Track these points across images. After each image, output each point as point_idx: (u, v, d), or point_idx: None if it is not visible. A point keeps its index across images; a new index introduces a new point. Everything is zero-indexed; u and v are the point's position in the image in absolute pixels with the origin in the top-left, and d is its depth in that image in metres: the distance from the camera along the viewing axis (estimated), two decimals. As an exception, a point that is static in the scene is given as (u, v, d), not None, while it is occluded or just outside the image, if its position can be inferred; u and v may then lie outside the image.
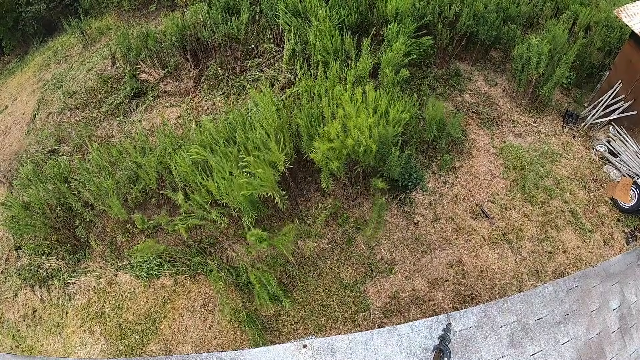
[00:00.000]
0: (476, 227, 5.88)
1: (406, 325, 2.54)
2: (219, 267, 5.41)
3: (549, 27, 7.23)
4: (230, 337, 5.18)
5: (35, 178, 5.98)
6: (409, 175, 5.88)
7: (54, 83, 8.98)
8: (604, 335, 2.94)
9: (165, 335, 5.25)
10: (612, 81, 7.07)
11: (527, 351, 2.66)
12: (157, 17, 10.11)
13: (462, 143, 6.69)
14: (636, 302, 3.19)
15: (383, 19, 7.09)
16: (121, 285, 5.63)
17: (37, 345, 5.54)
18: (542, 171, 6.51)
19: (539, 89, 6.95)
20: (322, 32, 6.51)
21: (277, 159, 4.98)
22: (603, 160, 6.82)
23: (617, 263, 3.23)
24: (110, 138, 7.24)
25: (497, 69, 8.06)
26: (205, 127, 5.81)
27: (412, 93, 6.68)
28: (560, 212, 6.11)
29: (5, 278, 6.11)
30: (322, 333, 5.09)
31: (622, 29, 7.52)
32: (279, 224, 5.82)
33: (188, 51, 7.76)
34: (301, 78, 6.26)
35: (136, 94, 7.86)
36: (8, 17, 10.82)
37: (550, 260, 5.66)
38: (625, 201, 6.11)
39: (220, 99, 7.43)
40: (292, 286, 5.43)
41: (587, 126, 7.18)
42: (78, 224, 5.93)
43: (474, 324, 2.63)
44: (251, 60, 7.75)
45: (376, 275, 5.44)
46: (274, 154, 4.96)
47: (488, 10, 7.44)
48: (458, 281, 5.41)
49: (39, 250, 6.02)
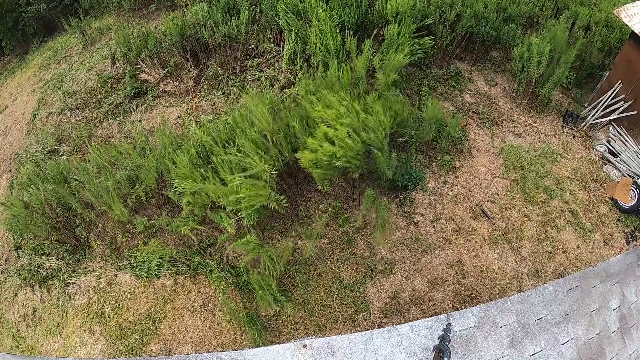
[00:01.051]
0: (476, 227, 5.88)
1: (406, 325, 2.54)
2: (219, 267, 5.41)
3: (549, 27, 7.23)
4: (230, 337, 5.18)
5: (35, 178, 5.98)
6: (408, 175, 5.88)
7: (54, 83, 8.99)
8: (604, 335, 2.94)
9: (165, 335, 5.25)
10: (612, 81, 7.07)
11: (527, 351, 2.66)
12: (157, 17, 10.11)
13: (462, 143, 6.69)
14: (636, 302, 3.19)
15: (383, 19, 7.09)
16: (121, 285, 5.63)
17: (37, 345, 5.54)
18: (542, 171, 6.51)
19: (539, 89, 6.95)
20: (322, 32, 6.51)
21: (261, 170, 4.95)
22: (603, 160, 6.82)
23: (617, 263, 3.23)
24: (110, 138, 7.24)
25: (497, 69, 8.06)
26: (205, 127, 5.81)
27: (412, 93, 6.69)
28: (560, 212, 6.11)
29: (5, 278, 6.11)
30: (322, 333, 5.09)
31: (622, 29, 7.52)
32: (279, 224, 5.82)
33: (188, 51, 7.76)
34: (301, 78, 6.26)
35: (136, 94, 7.85)
36: (8, 17, 10.82)
37: (550, 260, 5.66)
38: (625, 201, 6.11)
39: (220, 99, 7.43)
40: (292, 286, 5.43)
41: (587, 126, 7.18)
42: (78, 224, 5.93)
43: (474, 324, 2.63)
44: (251, 60, 7.75)
45: (376, 276, 5.44)
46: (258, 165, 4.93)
47: (488, 11, 7.45)
48: (458, 281, 5.40)
49: (39, 250, 6.02)
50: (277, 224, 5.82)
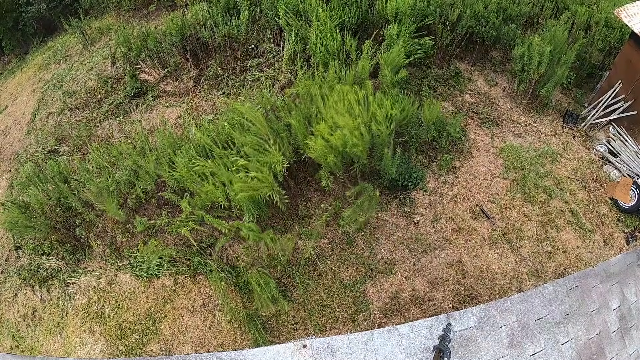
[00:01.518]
0: (476, 227, 5.88)
1: (406, 325, 2.54)
2: (219, 267, 5.41)
3: (549, 27, 7.23)
4: (230, 337, 5.18)
5: (35, 178, 5.98)
6: (409, 175, 5.88)
7: (54, 83, 8.98)
8: (604, 335, 2.94)
9: (165, 335, 5.25)
10: (612, 81, 7.07)
11: (527, 351, 2.66)
12: (157, 17, 10.11)
13: (462, 143, 6.69)
14: (636, 302, 3.19)
15: (383, 19, 7.09)
16: (121, 285, 5.63)
17: (37, 345, 5.54)
18: (542, 171, 6.51)
19: (539, 89, 6.95)
20: (323, 33, 6.51)
21: (274, 160, 4.98)
22: (603, 160, 6.82)
23: (617, 263, 3.23)
24: (110, 138, 7.24)
25: (497, 69, 8.06)
26: (204, 128, 5.81)
27: (412, 93, 6.68)
28: (560, 212, 6.11)
29: (5, 278, 6.11)
30: (322, 333, 5.09)
31: (622, 29, 7.52)
32: (279, 224, 5.82)
33: (188, 51, 7.76)
34: (301, 78, 6.26)
35: (136, 94, 7.85)
36: (8, 17, 10.82)
37: (550, 260, 5.66)
38: (625, 201, 6.11)
39: (220, 99, 7.44)
40: (292, 286, 5.43)
41: (587, 126, 7.18)
42: (78, 224, 5.93)
43: (474, 324, 2.63)
44: (251, 60, 7.75)
45: (376, 275, 5.44)
46: (271, 155, 4.96)
47: (488, 11, 7.44)
48: (458, 281, 5.40)
49: (39, 250, 6.02)
50: (277, 224, 5.82)
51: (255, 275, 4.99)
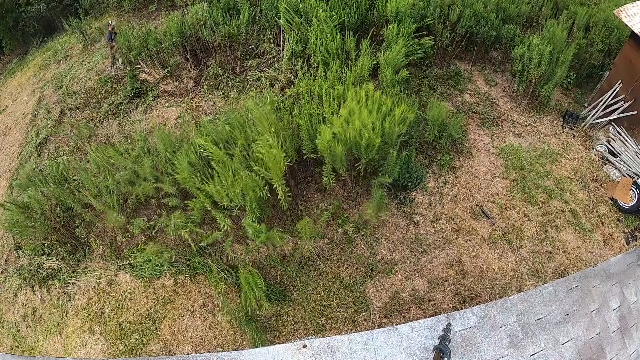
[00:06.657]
0: (476, 227, 5.88)
1: (406, 325, 2.54)
2: (218, 267, 5.41)
3: (548, 26, 7.23)
4: (230, 337, 5.18)
5: (35, 178, 5.98)
6: (409, 175, 5.88)
7: (54, 83, 8.98)
8: (604, 335, 2.94)
9: (165, 335, 5.25)
10: (612, 81, 7.07)
11: (527, 351, 2.66)
12: (157, 17, 10.12)
13: (462, 143, 6.69)
14: (636, 302, 3.19)
15: (383, 19, 7.09)
16: (121, 285, 5.63)
17: (37, 346, 5.54)
18: (542, 171, 6.50)
19: (539, 89, 6.95)
20: (323, 33, 6.51)
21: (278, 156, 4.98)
22: (603, 160, 6.82)
23: (617, 263, 3.23)
24: (110, 138, 7.24)
25: (497, 69, 8.06)
26: (205, 128, 5.81)
27: (412, 93, 6.69)
28: (560, 212, 6.10)
29: (5, 278, 6.11)
30: (322, 333, 5.09)
31: (622, 29, 7.52)
32: (279, 224, 5.81)
33: (188, 51, 7.76)
34: (301, 78, 6.26)
35: (136, 94, 7.86)
36: (8, 17, 10.83)
37: (550, 260, 5.66)
38: (625, 201, 6.11)
39: (220, 99, 7.44)
40: (292, 286, 5.43)
41: (587, 126, 7.18)
42: (78, 224, 5.92)
43: (474, 324, 2.63)
44: (251, 60, 7.75)
45: (376, 276, 5.44)
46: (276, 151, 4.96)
47: (488, 11, 7.45)
48: (458, 281, 5.40)
49: (39, 250, 6.02)
50: (277, 224, 5.82)
51: (245, 274, 4.97)
